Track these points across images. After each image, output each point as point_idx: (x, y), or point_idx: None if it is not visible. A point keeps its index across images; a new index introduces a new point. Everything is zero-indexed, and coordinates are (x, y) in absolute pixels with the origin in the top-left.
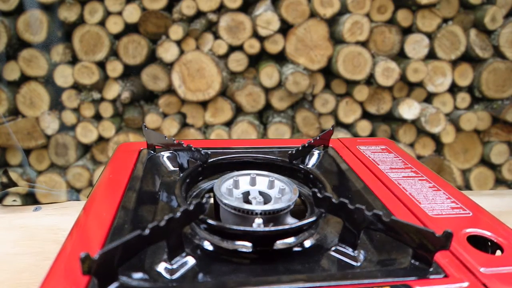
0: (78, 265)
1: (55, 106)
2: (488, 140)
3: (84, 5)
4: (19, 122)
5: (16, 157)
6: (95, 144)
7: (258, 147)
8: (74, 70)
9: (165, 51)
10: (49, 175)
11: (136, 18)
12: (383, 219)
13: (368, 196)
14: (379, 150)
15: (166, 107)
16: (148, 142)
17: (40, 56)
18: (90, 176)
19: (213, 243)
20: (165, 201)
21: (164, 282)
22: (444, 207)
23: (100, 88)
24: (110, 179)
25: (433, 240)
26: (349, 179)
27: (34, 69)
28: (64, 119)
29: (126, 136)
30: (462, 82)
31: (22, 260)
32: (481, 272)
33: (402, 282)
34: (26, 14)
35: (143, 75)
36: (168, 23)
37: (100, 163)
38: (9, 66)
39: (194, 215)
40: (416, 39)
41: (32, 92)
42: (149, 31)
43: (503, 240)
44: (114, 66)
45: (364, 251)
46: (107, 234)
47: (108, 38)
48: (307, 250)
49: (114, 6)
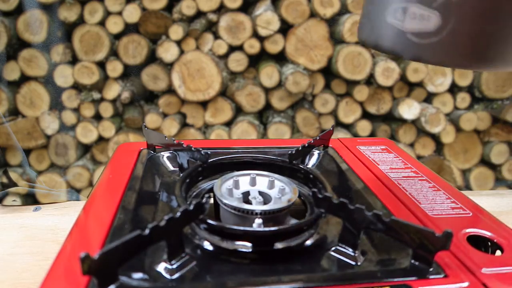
0: (78, 265)
1: (55, 106)
2: (488, 140)
3: (84, 5)
4: (19, 122)
5: (16, 157)
6: (95, 144)
7: (258, 147)
8: (74, 70)
9: (165, 51)
10: (49, 175)
11: (136, 18)
12: (383, 219)
13: (368, 196)
14: (379, 150)
15: (166, 107)
16: (148, 142)
17: (40, 56)
18: (90, 176)
19: (213, 243)
20: (165, 201)
21: (164, 282)
22: (444, 207)
23: (100, 88)
24: (110, 179)
25: (433, 240)
26: (349, 179)
27: (34, 69)
28: (64, 119)
29: (126, 136)
30: (462, 82)
31: (22, 260)
32: (481, 272)
33: (402, 282)
34: (26, 14)
35: (143, 75)
36: (168, 23)
37: (100, 163)
38: (9, 66)
39: (194, 215)
40: None
41: (32, 92)
42: (149, 31)
43: (503, 240)
44: (114, 66)
45: (364, 251)
46: (107, 234)
47: (108, 38)
48: (307, 250)
49: (114, 6)
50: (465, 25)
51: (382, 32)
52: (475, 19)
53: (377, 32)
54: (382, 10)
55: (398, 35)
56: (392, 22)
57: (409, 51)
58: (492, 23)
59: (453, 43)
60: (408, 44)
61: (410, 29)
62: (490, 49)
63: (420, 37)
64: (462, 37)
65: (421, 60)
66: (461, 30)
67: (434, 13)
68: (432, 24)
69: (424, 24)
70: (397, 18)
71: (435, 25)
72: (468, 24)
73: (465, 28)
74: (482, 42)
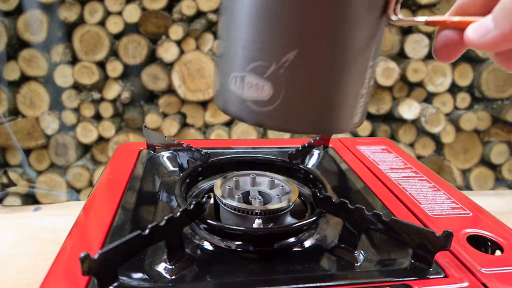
0: (78, 265)
1: (55, 106)
2: (488, 140)
3: (84, 5)
4: (19, 122)
5: (16, 157)
6: (95, 144)
7: (258, 147)
8: (74, 70)
9: (165, 51)
10: (49, 175)
11: (136, 18)
12: (383, 219)
13: (368, 196)
14: (379, 150)
15: (166, 107)
16: (148, 142)
17: (40, 56)
18: (90, 176)
19: (213, 243)
20: (165, 201)
21: (164, 282)
22: (444, 207)
23: (100, 88)
24: (110, 179)
25: (433, 240)
26: (349, 179)
27: (34, 69)
28: (64, 119)
29: (126, 136)
30: (462, 82)
31: (22, 260)
32: (481, 272)
33: (402, 282)
34: (26, 14)
35: (143, 75)
36: (168, 23)
37: (100, 163)
38: (9, 66)
39: (194, 215)
40: (416, 39)
41: (32, 92)
42: (149, 31)
43: (503, 240)
44: (114, 66)
45: (364, 251)
46: (107, 234)
47: (108, 38)
48: (307, 250)
49: (114, 6)
50: (295, 94)
51: (227, 98)
52: (303, 89)
53: (223, 98)
54: (226, 78)
55: (240, 103)
56: (234, 90)
57: (250, 117)
58: (320, 93)
59: (286, 111)
60: (249, 111)
61: (249, 97)
62: (320, 116)
63: (258, 105)
64: (293, 105)
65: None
66: (292, 99)
67: (266, 83)
68: (266, 93)
69: (259, 93)
70: (237, 87)
71: (269, 94)
72: (298, 94)
73: (295, 97)
74: (313, 110)
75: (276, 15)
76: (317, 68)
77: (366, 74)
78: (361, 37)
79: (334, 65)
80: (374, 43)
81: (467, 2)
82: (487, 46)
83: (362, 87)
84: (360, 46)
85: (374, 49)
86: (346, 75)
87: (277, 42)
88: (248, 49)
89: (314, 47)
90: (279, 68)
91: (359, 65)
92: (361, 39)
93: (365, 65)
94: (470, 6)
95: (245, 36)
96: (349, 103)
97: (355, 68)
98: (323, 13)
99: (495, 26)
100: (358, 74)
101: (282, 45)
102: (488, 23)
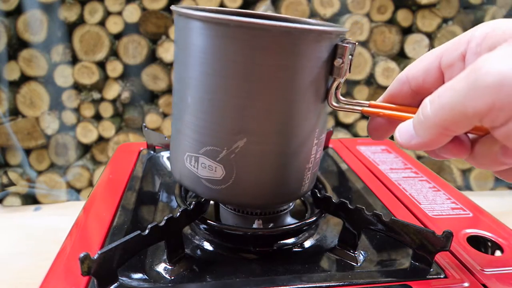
0: (77, 265)
1: (55, 106)
2: None
3: (84, 5)
4: (19, 122)
5: (16, 157)
6: (95, 144)
7: None
8: (74, 70)
9: (165, 51)
10: (49, 175)
11: (136, 18)
12: (383, 219)
13: (368, 196)
14: (379, 150)
15: (166, 107)
16: (148, 142)
17: (40, 56)
18: (90, 176)
19: (213, 243)
20: (165, 201)
21: (164, 282)
22: (444, 208)
23: (100, 88)
24: (110, 179)
25: (433, 240)
26: (349, 179)
27: (34, 69)
28: (64, 119)
29: (126, 136)
30: None
31: (22, 260)
32: (481, 273)
33: (402, 283)
34: (26, 14)
35: (143, 75)
36: (168, 23)
37: (100, 163)
38: (9, 66)
39: (194, 215)
40: (416, 39)
41: (32, 92)
42: (149, 31)
43: (503, 240)
44: (114, 66)
45: (364, 251)
46: (107, 234)
47: (108, 38)
48: (307, 250)
49: (114, 6)
50: (246, 176)
51: (183, 172)
52: (254, 171)
53: (179, 172)
54: (181, 156)
55: (194, 178)
56: (189, 167)
57: (204, 193)
58: (269, 174)
59: (238, 189)
60: (203, 187)
61: (203, 175)
62: (271, 191)
63: (212, 183)
64: (245, 184)
65: (217, 201)
66: (243, 179)
67: (219, 165)
68: (219, 174)
69: (213, 173)
70: (192, 165)
71: (221, 175)
72: (249, 175)
73: (246, 178)
74: (264, 189)
75: (223, 106)
76: (266, 154)
77: (312, 151)
78: (305, 124)
79: (281, 150)
80: (318, 126)
81: (396, 93)
82: (414, 149)
83: (308, 162)
84: (305, 132)
85: (318, 130)
86: (293, 157)
87: (226, 130)
88: (199, 133)
89: (262, 136)
90: (230, 153)
91: (304, 148)
92: (306, 126)
93: (310, 144)
94: (398, 96)
95: (195, 121)
96: (298, 178)
97: (301, 151)
98: (269, 105)
99: (416, 134)
100: (304, 154)
101: (231, 133)
102: (411, 130)
